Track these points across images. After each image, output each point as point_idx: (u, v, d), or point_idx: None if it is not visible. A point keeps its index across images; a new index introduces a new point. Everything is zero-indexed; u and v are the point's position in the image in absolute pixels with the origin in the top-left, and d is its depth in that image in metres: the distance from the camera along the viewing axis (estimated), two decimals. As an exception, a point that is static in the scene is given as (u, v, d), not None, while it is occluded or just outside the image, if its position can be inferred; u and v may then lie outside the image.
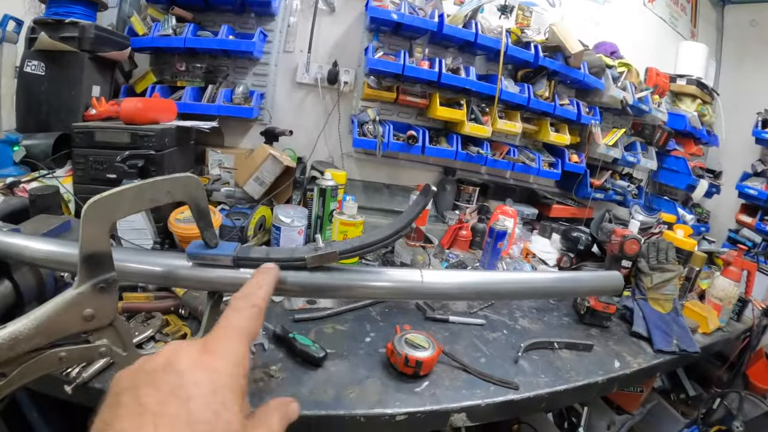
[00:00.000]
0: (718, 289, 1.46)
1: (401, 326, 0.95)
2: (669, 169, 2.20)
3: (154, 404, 0.24)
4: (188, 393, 0.25)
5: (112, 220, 0.38)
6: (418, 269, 0.56)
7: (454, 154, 1.66)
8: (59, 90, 1.40)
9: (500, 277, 0.61)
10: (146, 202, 0.41)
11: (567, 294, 1.09)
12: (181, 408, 0.24)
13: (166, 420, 0.23)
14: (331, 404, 0.75)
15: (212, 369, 0.27)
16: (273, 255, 0.53)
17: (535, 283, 0.62)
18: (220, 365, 0.27)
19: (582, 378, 0.97)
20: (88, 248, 0.37)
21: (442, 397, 0.82)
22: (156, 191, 0.41)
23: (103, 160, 1.26)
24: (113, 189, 0.37)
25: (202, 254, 0.50)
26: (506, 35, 1.64)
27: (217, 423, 0.24)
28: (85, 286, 0.38)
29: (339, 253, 0.52)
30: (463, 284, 0.59)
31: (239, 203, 1.47)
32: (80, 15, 1.42)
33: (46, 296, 0.77)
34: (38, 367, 0.38)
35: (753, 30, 2.34)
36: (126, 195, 0.38)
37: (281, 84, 1.76)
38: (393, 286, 0.55)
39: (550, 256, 1.62)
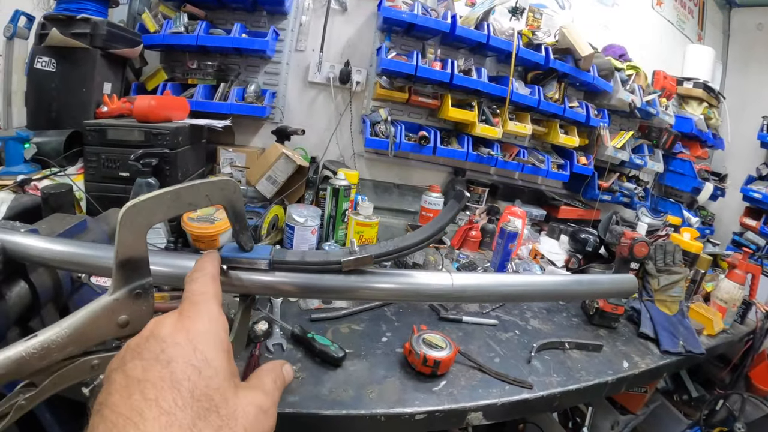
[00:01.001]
0: (722, 291, 1.48)
1: (418, 326, 0.96)
2: (675, 172, 2.22)
3: (140, 372, 0.25)
4: (169, 355, 0.26)
5: (150, 225, 0.37)
6: (448, 273, 0.57)
7: (465, 155, 1.67)
8: (70, 87, 1.39)
9: (524, 279, 0.62)
10: (185, 206, 0.40)
11: (587, 296, 1.10)
12: (164, 370, 0.25)
13: (150, 384, 0.24)
14: (352, 404, 0.76)
15: (189, 330, 0.28)
16: (308, 258, 0.53)
17: (558, 286, 0.63)
18: (197, 326, 0.28)
19: (592, 378, 0.99)
20: (125, 253, 0.36)
21: (459, 397, 0.83)
22: (194, 195, 0.41)
23: (115, 158, 1.25)
24: (150, 193, 0.37)
25: (237, 258, 0.50)
26: (518, 37, 1.64)
27: (200, 379, 0.25)
28: (121, 292, 0.37)
29: (374, 257, 0.52)
30: (491, 287, 0.59)
31: (251, 202, 1.48)
32: (91, 11, 1.40)
33: (62, 297, 0.76)
34: (70, 376, 0.38)
35: (759, 33, 2.35)
36: (164, 199, 0.38)
37: (293, 83, 1.76)
38: (424, 288, 0.56)
39: (558, 257, 1.63)
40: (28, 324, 0.70)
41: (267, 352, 0.85)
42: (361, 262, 0.51)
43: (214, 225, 1.23)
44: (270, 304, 1.02)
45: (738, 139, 2.34)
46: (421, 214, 1.48)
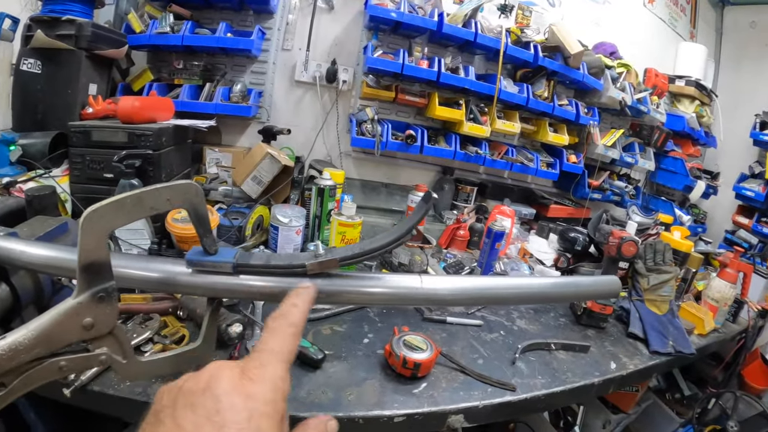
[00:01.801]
0: (714, 290, 1.47)
1: (399, 328, 0.95)
2: (666, 170, 2.21)
3: (191, 427, 0.25)
4: (223, 419, 0.25)
5: (111, 229, 0.38)
6: (417, 275, 0.56)
7: (452, 154, 1.66)
8: (56, 88, 1.38)
9: (500, 282, 0.61)
10: (146, 210, 0.40)
11: (567, 299, 1.10)
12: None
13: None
14: (330, 406, 0.76)
15: (249, 395, 0.27)
16: (273, 261, 0.53)
17: (534, 289, 0.62)
18: (257, 391, 0.27)
19: (578, 379, 0.98)
20: (87, 258, 0.37)
21: (439, 399, 0.82)
22: (155, 199, 0.41)
23: (100, 160, 1.25)
24: (111, 198, 0.37)
25: (201, 261, 0.50)
26: (506, 35, 1.63)
27: None
28: (85, 295, 0.37)
29: (339, 260, 0.52)
30: (462, 289, 0.59)
31: (237, 202, 1.47)
32: (77, 12, 1.39)
33: (43, 299, 0.77)
34: (39, 377, 0.38)
35: (752, 31, 2.34)
36: (125, 204, 0.38)
37: (279, 82, 1.75)
38: (392, 292, 0.55)
39: (547, 257, 1.63)
40: (10, 325, 0.70)
41: (246, 354, 0.84)
42: (326, 266, 0.51)
43: (199, 226, 1.23)
44: (252, 306, 1.02)
45: (730, 137, 2.33)
46: (407, 213, 1.47)
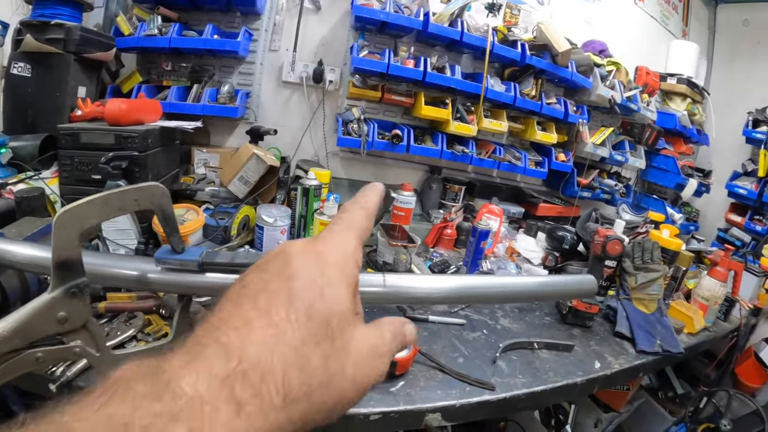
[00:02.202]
0: (704, 289, 1.46)
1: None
2: (658, 168, 2.20)
3: (257, 283, 0.24)
4: (293, 270, 0.24)
5: (82, 229, 0.40)
6: (381, 274, 0.57)
7: (439, 153, 1.66)
8: (45, 91, 1.40)
9: (468, 281, 0.61)
10: (114, 210, 0.42)
11: (538, 298, 1.09)
12: (284, 283, 0.23)
13: (266, 294, 0.23)
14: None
15: (320, 252, 0.26)
16: (237, 260, 0.55)
17: (505, 288, 0.62)
18: (328, 251, 0.26)
19: (560, 379, 0.98)
20: (60, 255, 0.39)
21: (416, 398, 0.83)
22: (123, 200, 0.43)
23: (88, 162, 1.25)
24: (82, 200, 0.39)
25: (169, 259, 0.52)
26: (492, 34, 1.63)
27: (320, 301, 0.23)
28: (58, 291, 0.40)
29: None
30: (428, 288, 0.59)
31: (224, 203, 1.47)
32: (66, 16, 1.41)
33: (30, 297, 0.79)
34: (16, 368, 0.40)
35: (745, 29, 2.33)
36: (94, 205, 0.40)
37: (267, 83, 1.76)
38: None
39: (535, 255, 1.62)
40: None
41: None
42: None
43: (184, 226, 1.24)
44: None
45: (723, 134, 2.32)
46: (393, 213, 1.48)
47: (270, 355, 0.20)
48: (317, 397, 0.21)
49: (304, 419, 0.21)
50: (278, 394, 0.20)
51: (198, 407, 0.18)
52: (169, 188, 1.43)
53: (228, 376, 0.19)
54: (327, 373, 0.22)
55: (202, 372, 0.19)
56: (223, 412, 0.18)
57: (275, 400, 0.20)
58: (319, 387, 0.21)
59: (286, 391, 0.20)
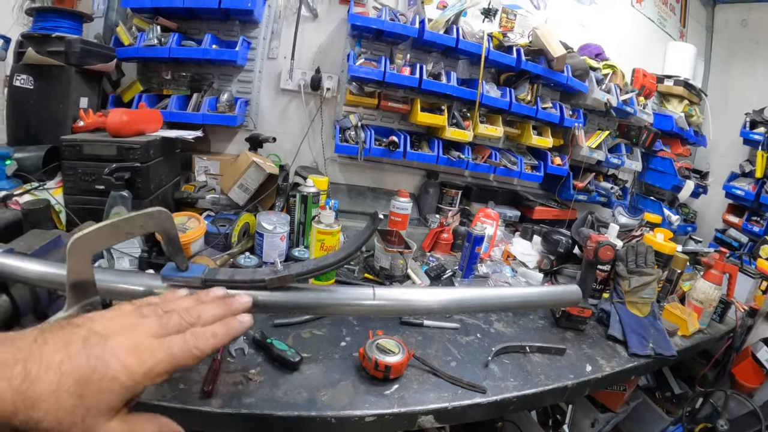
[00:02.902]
0: (698, 291, 1.47)
1: (374, 331, 0.98)
2: (655, 170, 2.20)
3: (74, 350, 0.31)
4: (96, 365, 0.31)
5: (93, 252, 0.44)
6: (371, 287, 0.60)
7: (435, 159, 1.68)
8: (47, 103, 1.42)
9: (455, 294, 0.64)
10: (122, 235, 0.46)
11: (524, 308, 1.12)
12: (85, 366, 0.30)
13: (69, 364, 0.30)
14: (304, 406, 0.79)
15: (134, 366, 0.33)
16: (237, 277, 0.59)
17: (489, 300, 0.66)
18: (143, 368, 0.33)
19: (551, 382, 0.99)
20: (74, 277, 0.43)
21: (410, 400, 0.85)
22: (131, 225, 0.47)
23: (91, 172, 1.27)
24: (93, 226, 0.43)
25: (174, 276, 0.57)
26: (488, 40, 1.65)
27: (94, 393, 0.30)
28: (74, 309, 0.43)
29: (295, 276, 0.57)
30: (416, 301, 0.63)
31: (225, 210, 1.50)
32: (66, 29, 1.44)
33: (41, 308, 0.82)
34: None
35: (743, 30, 2.33)
36: (103, 231, 0.44)
37: (266, 91, 1.78)
38: (344, 303, 0.59)
39: (530, 259, 1.64)
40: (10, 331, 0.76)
41: (229, 357, 0.88)
42: (284, 281, 0.57)
43: (186, 234, 1.26)
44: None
45: (721, 136, 2.32)
46: (390, 218, 1.50)
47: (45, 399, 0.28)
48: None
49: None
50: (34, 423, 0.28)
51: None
52: (171, 196, 1.49)
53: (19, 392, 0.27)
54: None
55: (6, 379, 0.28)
56: (7, 409, 0.27)
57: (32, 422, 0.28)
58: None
59: (38, 424, 0.28)
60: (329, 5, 1.73)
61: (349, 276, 1.34)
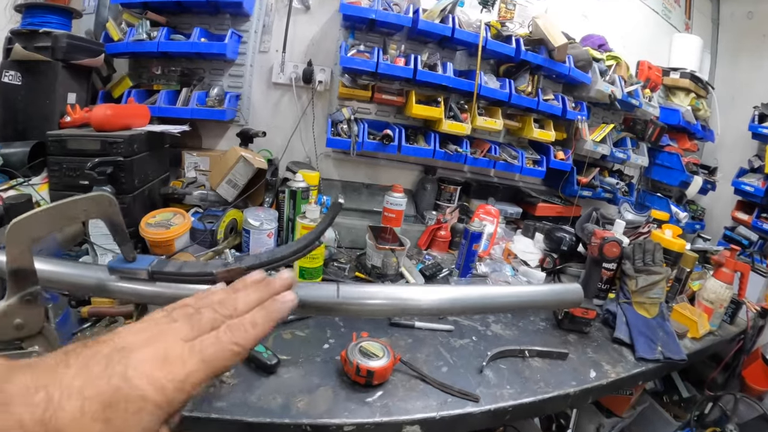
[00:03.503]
0: (709, 291, 1.41)
1: (359, 333, 0.92)
2: (662, 165, 2.13)
3: (97, 372, 0.28)
4: (119, 385, 0.28)
5: (32, 239, 0.42)
6: (335, 284, 0.55)
7: (431, 153, 1.62)
8: (35, 99, 1.40)
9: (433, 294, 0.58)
10: (64, 220, 0.44)
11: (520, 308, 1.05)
12: (107, 388, 0.28)
13: (92, 388, 0.27)
14: (277, 412, 0.74)
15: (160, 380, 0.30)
16: (186, 269, 0.56)
17: (472, 301, 0.59)
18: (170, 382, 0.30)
19: (552, 389, 0.94)
20: (13, 265, 0.41)
21: (394, 409, 0.80)
22: (72, 210, 0.45)
23: (75, 167, 1.26)
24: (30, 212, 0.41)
25: (120, 268, 0.53)
26: (485, 29, 1.59)
27: (119, 417, 0.27)
28: (13, 299, 0.42)
29: (246, 268, 0.53)
30: (384, 300, 0.57)
31: (213, 206, 1.46)
32: (54, 24, 1.42)
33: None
34: None
35: (750, 21, 2.24)
36: (41, 216, 0.42)
37: (257, 84, 1.74)
38: (309, 301, 0.54)
39: (532, 257, 1.58)
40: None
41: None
42: (234, 273, 0.52)
43: (170, 230, 1.23)
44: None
45: (729, 130, 2.23)
46: (383, 214, 1.45)
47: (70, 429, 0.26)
48: None
49: None
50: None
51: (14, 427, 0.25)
52: (158, 192, 1.45)
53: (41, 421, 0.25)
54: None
55: (29, 405, 0.26)
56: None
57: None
58: None
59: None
60: (322, -4, 1.68)
61: (339, 274, 1.29)
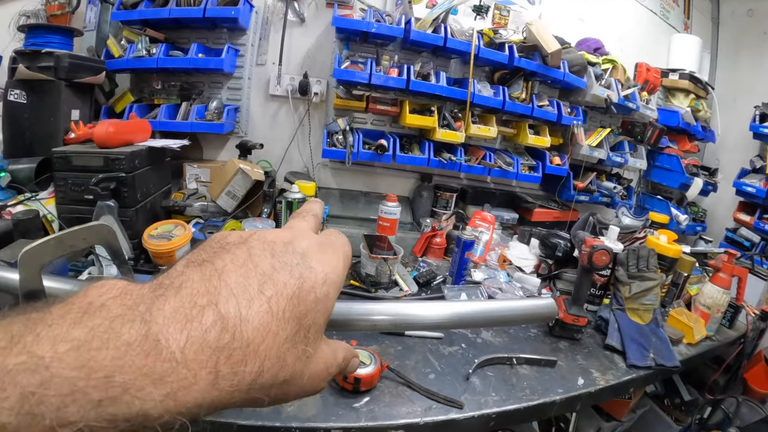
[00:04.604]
0: (705, 296, 1.40)
1: (349, 341, 0.95)
2: (662, 168, 2.11)
3: (267, 267, 0.24)
4: (304, 272, 0.24)
5: (42, 264, 0.44)
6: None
7: (426, 162, 1.64)
8: (40, 116, 1.46)
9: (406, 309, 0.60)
10: (67, 248, 0.46)
11: (490, 324, 1.06)
12: (292, 281, 0.24)
13: (272, 283, 0.23)
14: (268, 416, 0.77)
15: (330, 268, 0.27)
16: None
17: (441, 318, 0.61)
18: (333, 269, 0.27)
19: (537, 397, 0.95)
20: (25, 287, 0.43)
21: (379, 414, 0.82)
22: (74, 239, 0.47)
23: (80, 183, 1.30)
24: (39, 240, 0.43)
25: None
26: (478, 37, 1.60)
27: (314, 311, 0.24)
28: None
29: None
30: (359, 314, 0.59)
31: (214, 217, 1.50)
32: (56, 44, 1.47)
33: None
34: None
35: (750, 20, 2.21)
36: (49, 245, 0.44)
37: (255, 97, 1.78)
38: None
39: (527, 263, 1.59)
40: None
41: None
42: None
43: (171, 242, 1.27)
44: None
45: (729, 130, 2.20)
46: (378, 224, 1.47)
47: (259, 341, 0.21)
48: (275, 390, 0.23)
49: (253, 399, 0.22)
50: (250, 378, 0.21)
51: (183, 373, 0.18)
52: (160, 205, 1.50)
53: (218, 349, 0.20)
54: (292, 373, 0.23)
55: (194, 337, 0.19)
56: (203, 380, 0.19)
57: (245, 381, 0.21)
58: (281, 383, 0.23)
59: (256, 378, 0.21)
60: (316, 9, 1.71)
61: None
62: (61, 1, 1.64)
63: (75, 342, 0.17)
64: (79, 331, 0.17)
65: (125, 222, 1.29)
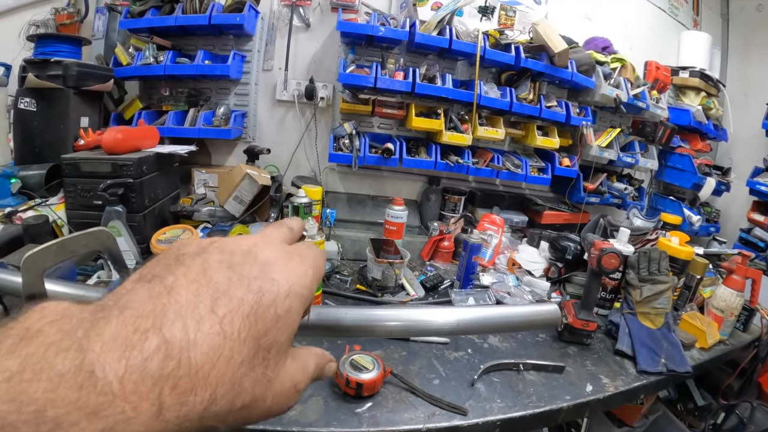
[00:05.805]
0: (719, 299, 1.37)
1: (351, 346, 0.95)
2: (673, 168, 2.07)
3: (223, 280, 0.22)
4: (262, 286, 0.22)
5: (44, 268, 0.46)
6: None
7: (432, 165, 1.63)
8: (50, 124, 1.49)
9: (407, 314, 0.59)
10: (68, 253, 0.48)
11: (494, 330, 1.03)
12: (249, 296, 0.22)
13: (226, 301, 0.21)
14: (270, 420, 0.77)
15: (292, 281, 0.24)
16: None
17: (438, 325, 0.60)
18: (298, 279, 0.25)
19: (543, 404, 0.93)
20: (28, 290, 0.45)
21: (381, 420, 0.82)
22: (75, 244, 0.49)
23: (89, 188, 1.33)
24: (42, 245, 0.45)
25: None
26: (483, 38, 1.59)
27: (273, 330, 0.22)
28: None
29: None
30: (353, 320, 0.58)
31: (222, 221, 1.51)
32: (65, 53, 1.50)
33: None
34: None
35: (760, 15, 2.16)
36: (51, 250, 0.46)
37: (262, 102, 1.79)
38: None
39: (537, 267, 1.57)
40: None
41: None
42: None
43: (179, 247, 1.28)
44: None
45: (742, 128, 2.15)
46: (385, 228, 1.47)
47: (209, 367, 0.19)
48: (233, 416, 0.21)
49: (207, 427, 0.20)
50: (201, 407, 0.19)
51: (120, 406, 0.17)
52: (168, 210, 1.51)
53: (162, 378, 0.18)
54: (252, 398, 0.21)
55: (134, 366, 0.17)
56: (144, 413, 0.17)
57: (196, 411, 0.19)
58: (239, 410, 0.21)
59: (208, 406, 0.19)
60: (321, 14, 1.72)
61: (340, 287, 1.31)
62: (69, 11, 1.66)
63: (7, 373, 0.16)
64: (12, 362, 0.16)
65: (133, 227, 1.30)
